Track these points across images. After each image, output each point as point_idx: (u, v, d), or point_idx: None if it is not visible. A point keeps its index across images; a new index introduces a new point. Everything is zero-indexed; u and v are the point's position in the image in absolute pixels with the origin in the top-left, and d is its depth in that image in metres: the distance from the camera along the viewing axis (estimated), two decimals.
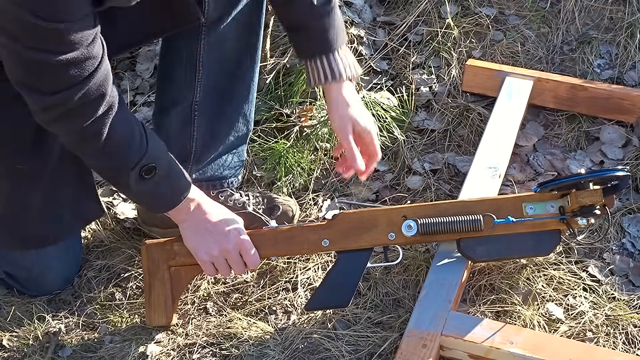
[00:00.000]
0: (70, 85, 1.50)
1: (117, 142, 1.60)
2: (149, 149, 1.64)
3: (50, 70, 1.47)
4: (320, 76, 1.86)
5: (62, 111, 1.53)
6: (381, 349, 1.78)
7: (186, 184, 1.73)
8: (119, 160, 1.63)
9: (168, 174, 1.69)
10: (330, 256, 2.01)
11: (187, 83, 1.94)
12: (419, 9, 2.61)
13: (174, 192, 1.72)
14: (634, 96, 2.32)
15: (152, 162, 1.65)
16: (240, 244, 1.77)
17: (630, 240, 2.04)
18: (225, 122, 2.00)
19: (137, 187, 1.66)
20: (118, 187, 1.77)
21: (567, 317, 1.85)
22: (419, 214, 1.78)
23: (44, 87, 1.51)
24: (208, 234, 1.76)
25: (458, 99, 2.42)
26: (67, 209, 1.88)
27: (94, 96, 1.53)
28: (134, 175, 1.64)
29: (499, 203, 1.80)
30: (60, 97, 1.51)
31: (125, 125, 1.61)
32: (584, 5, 2.59)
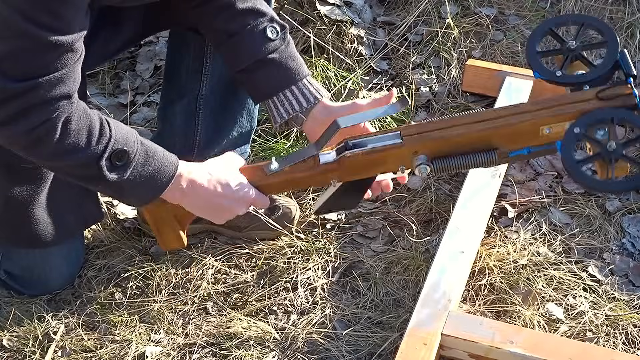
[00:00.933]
0: (43, 74, 1.40)
1: (74, 135, 1.48)
2: (113, 134, 1.52)
3: (31, 46, 1.38)
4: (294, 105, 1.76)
5: (23, 107, 1.42)
6: (381, 349, 1.79)
7: (172, 160, 1.60)
8: (80, 154, 1.50)
9: (146, 155, 1.57)
10: (330, 256, 2.01)
11: (194, 75, 1.93)
12: (419, 9, 2.61)
13: (161, 172, 1.58)
14: None
15: (121, 146, 1.53)
16: (252, 202, 1.65)
17: (630, 240, 2.04)
18: (230, 115, 1.99)
19: (116, 177, 1.54)
20: (97, 186, 1.62)
21: (567, 317, 1.85)
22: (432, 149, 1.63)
23: (13, 68, 1.40)
24: (216, 206, 1.65)
25: (458, 99, 2.42)
26: (70, 211, 1.88)
27: (60, 94, 1.44)
28: (106, 166, 1.52)
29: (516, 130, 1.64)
30: (26, 86, 1.40)
31: (82, 117, 1.49)
32: (584, 5, 2.59)
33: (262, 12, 1.74)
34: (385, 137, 1.60)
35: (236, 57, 1.77)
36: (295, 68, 1.76)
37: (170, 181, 1.59)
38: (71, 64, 1.44)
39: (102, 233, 2.09)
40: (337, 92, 2.38)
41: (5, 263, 1.95)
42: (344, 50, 2.52)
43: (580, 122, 1.56)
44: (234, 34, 1.74)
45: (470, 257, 1.91)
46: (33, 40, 1.38)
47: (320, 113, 1.74)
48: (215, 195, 1.63)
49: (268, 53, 1.73)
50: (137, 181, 1.57)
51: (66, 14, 1.39)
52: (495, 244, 2.01)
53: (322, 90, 1.78)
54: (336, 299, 1.92)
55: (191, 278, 1.98)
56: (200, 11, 1.77)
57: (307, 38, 2.50)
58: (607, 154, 1.55)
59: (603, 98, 1.58)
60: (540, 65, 1.64)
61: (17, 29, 1.37)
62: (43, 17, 1.36)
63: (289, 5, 2.57)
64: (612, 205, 2.12)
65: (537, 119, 1.61)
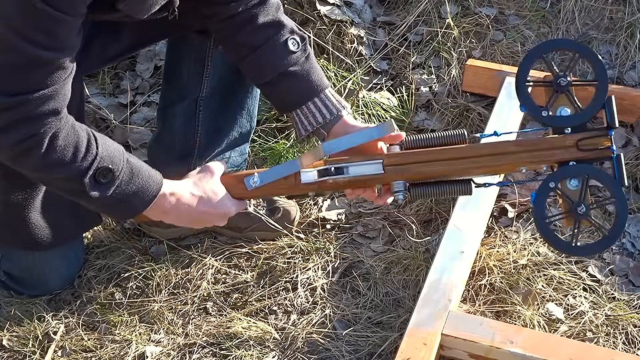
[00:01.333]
0: (34, 90, 1.42)
1: (60, 151, 1.49)
2: (99, 152, 1.53)
3: (23, 63, 1.39)
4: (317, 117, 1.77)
5: (11, 121, 1.43)
6: (381, 349, 1.78)
7: (156, 180, 1.61)
8: (65, 169, 1.51)
9: (131, 173, 1.58)
10: (330, 256, 2.01)
11: (195, 78, 1.93)
12: (419, 9, 2.61)
13: (144, 191, 1.59)
14: (634, 96, 2.32)
15: (106, 164, 1.54)
16: (231, 215, 1.69)
17: (630, 240, 2.04)
18: (229, 116, 2.00)
19: (98, 194, 1.55)
20: (81, 200, 1.60)
21: (567, 317, 1.85)
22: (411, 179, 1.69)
23: (4, 83, 1.41)
24: (197, 220, 1.68)
25: (458, 99, 2.42)
26: (66, 215, 1.88)
27: (49, 110, 1.45)
28: (89, 182, 1.53)
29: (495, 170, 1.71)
30: (15, 100, 1.41)
31: (70, 133, 1.50)
32: (584, 5, 2.59)
33: (283, 24, 1.75)
34: (367, 164, 1.65)
35: (259, 71, 1.78)
36: (316, 80, 1.77)
37: (153, 200, 1.60)
38: (61, 81, 1.45)
39: (102, 233, 2.09)
40: (337, 92, 2.38)
41: (5, 264, 1.95)
42: (344, 50, 2.52)
43: (557, 177, 1.63)
44: (256, 48, 1.75)
45: (470, 257, 1.91)
46: (25, 56, 1.38)
47: (340, 129, 1.76)
48: (197, 212, 1.65)
49: (290, 65, 1.75)
50: (119, 198, 1.57)
51: (59, 33, 1.39)
52: (495, 244, 2.01)
53: (343, 102, 1.79)
54: (336, 299, 1.92)
55: (191, 278, 1.98)
56: (221, 26, 1.77)
57: None
58: (576, 215, 1.62)
59: (582, 149, 1.63)
60: (528, 99, 1.67)
61: (9, 45, 1.37)
62: (36, 35, 1.37)
63: (289, 5, 2.57)
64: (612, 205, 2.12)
65: (517, 162, 1.67)
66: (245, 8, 1.73)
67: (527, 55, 1.69)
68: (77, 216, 1.89)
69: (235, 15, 1.74)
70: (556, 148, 1.65)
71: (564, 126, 1.66)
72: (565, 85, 1.66)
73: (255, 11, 1.74)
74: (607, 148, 1.64)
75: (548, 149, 1.65)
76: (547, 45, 1.71)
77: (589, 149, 1.64)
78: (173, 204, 1.63)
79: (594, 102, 1.66)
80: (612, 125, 1.64)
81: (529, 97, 1.67)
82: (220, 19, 1.77)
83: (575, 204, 1.62)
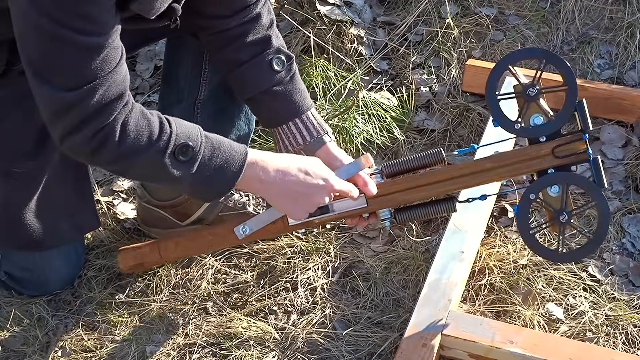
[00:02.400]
0: (92, 79, 1.42)
1: (134, 136, 1.49)
2: (174, 130, 1.52)
3: (74, 55, 1.40)
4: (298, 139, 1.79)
5: (82, 117, 1.44)
6: (381, 349, 1.78)
7: (240, 150, 1.58)
8: (143, 153, 1.50)
9: (212, 147, 1.56)
10: (330, 256, 2.01)
11: (193, 81, 1.94)
12: (419, 9, 2.61)
13: (229, 163, 1.57)
14: (634, 96, 2.32)
15: (183, 141, 1.53)
16: (332, 189, 1.65)
17: (630, 240, 2.04)
18: (227, 119, 2.00)
19: (182, 173, 1.53)
20: (170, 183, 1.59)
21: (567, 317, 1.85)
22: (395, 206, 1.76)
23: (65, 79, 1.42)
24: (299, 196, 1.63)
25: (458, 99, 2.42)
26: (63, 219, 1.87)
27: (114, 96, 1.45)
28: (170, 162, 1.52)
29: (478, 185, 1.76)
30: (80, 94, 1.42)
31: (140, 117, 1.50)
32: (584, 5, 2.59)
33: (270, 43, 1.79)
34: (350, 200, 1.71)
35: (242, 86, 1.82)
36: (298, 101, 1.81)
37: (242, 170, 1.58)
38: (115, 64, 1.46)
39: (102, 233, 2.09)
40: (337, 92, 2.38)
41: (5, 264, 1.95)
42: (344, 50, 2.52)
43: (536, 187, 1.67)
44: (240, 64, 1.79)
45: (470, 257, 1.91)
46: (72, 46, 1.39)
47: (324, 157, 1.78)
48: (294, 179, 1.62)
49: (273, 85, 1.78)
50: (206, 174, 1.56)
51: (95, 15, 1.40)
52: (495, 244, 2.01)
53: (325, 126, 1.82)
54: (336, 299, 1.92)
55: (191, 278, 1.98)
56: (211, 39, 1.81)
57: (307, 38, 2.50)
58: (559, 223, 1.66)
59: (559, 156, 1.67)
60: (500, 114, 1.70)
61: (54, 37, 1.38)
62: (75, 21, 1.38)
63: (289, 5, 2.57)
64: (612, 205, 2.12)
65: (495, 177, 1.72)
66: (237, 24, 1.77)
67: (494, 69, 1.72)
68: (74, 219, 1.90)
69: (226, 30, 1.77)
70: (532, 158, 1.69)
71: (539, 135, 1.69)
72: (535, 94, 1.69)
73: (246, 28, 1.78)
74: (584, 152, 1.67)
75: (524, 160, 1.69)
76: (513, 57, 1.74)
77: (566, 155, 1.67)
78: (266, 171, 1.60)
79: (565, 107, 1.69)
80: (585, 129, 1.67)
81: (501, 112, 1.70)
82: (211, 32, 1.80)
83: (558, 211, 1.64)
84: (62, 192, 1.85)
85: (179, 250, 1.89)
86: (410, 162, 1.75)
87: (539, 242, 1.69)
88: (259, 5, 1.78)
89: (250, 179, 1.59)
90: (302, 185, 1.62)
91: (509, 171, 1.70)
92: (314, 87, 2.36)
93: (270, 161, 1.61)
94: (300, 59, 2.48)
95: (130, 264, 1.93)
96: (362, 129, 2.29)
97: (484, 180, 1.71)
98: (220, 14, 1.76)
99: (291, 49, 2.49)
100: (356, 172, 1.71)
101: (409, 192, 1.72)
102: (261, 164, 1.60)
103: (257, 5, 1.78)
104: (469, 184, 1.72)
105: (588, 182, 1.67)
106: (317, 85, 2.37)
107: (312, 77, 2.38)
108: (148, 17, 1.53)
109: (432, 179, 1.71)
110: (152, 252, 1.90)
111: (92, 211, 1.92)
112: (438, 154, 1.74)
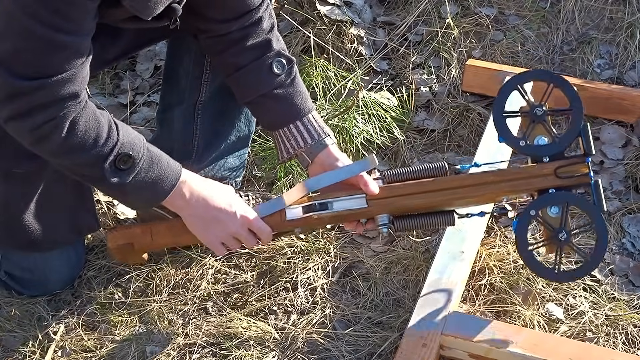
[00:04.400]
0: (52, 74, 1.44)
1: (80, 136, 1.51)
2: (120, 138, 1.56)
3: (40, 48, 1.41)
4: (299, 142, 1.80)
5: (31, 106, 1.45)
6: (381, 349, 1.78)
7: (175, 169, 1.65)
8: (85, 154, 1.53)
9: (150, 161, 1.61)
10: (330, 256, 2.01)
11: (194, 82, 1.94)
12: (419, 9, 2.61)
13: (163, 179, 1.63)
14: (634, 96, 2.32)
15: (127, 151, 1.56)
16: (248, 223, 1.72)
17: (630, 240, 2.04)
18: (228, 120, 2.00)
19: (117, 180, 1.57)
20: (99, 186, 1.66)
21: (567, 317, 1.85)
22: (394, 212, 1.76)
23: (24, 67, 1.43)
24: (213, 220, 1.70)
25: (458, 99, 2.42)
26: (62, 219, 1.87)
27: (68, 94, 1.47)
28: (109, 168, 1.56)
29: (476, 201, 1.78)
30: (35, 84, 1.43)
31: (91, 118, 1.52)
32: (584, 5, 2.59)
33: (270, 47, 1.79)
34: (351, 199, 1.72)
35: (242, 90, 1.83)
36: (299, 104, 1.81)
37: (173, 189, 1.64)
38: (79, 65, 1.47)
39: (102, 233, 2.09)
40: (337, 92, 2.38)
41: (6, 264, 1.95)
42: (344, 50, 2.52)
43: (537, 205, 1.69)
44: (240, 68, 1.79)
45: (470, 257, 1.91)
46: (43, 40, 1.40)
47: (325, 159, 1.80)
48: (214, 208, 1.68)
49: (273, 88, 1.79)
50: (139, 186, 1.61)
51: (75, 16, 1.41)
52: (495, 244, 2.01)
53: (327, 129, 1.83)
54: (336, 299, 1.92)
55: (191, 278, 1.98)
56: (210, 42, 1.81)
57: (307, 38, 2.50)
58: (557, 241, 1.68)
59: (561, 176, 1.69)
60: (506, 130, 1.74)
61: (27, 29, 1.39)
62: (54, 18, 1.39)
63: (289, 5, 2.57)
64: (612, 205, 2.12)
65: (497, 192, 1.74)
66: (238, 28, 1.77)
67: (502, 89, 1.75)
68: (74, 221, 1.89)
69: (227, 34, 1.78)
70: (535, 177, 1.71)
71: (542, 155, 1.72)
72: (541, 115, 1.73)
73: (246, 32, 1.78)
74: (585, 175, 1.70)
75: (527, 177, 1.72)
76: (522, 78, 1.77)
77: (567, 176, 1.70)
78: (192, 193, 1.66)
79: (570, 130, 1.73)
80: (588, 152, 1.71)
81: (507, 128, 1.74)
82: (211, 36, 1.80)
83: (556, 230, 1.66)
84: (62, 193, 1.84)
85: (171, 236, 1.86)
86: (414, 173, 1.76)
87: (536, 260, 1.72)
88: (260, 10, 1.78)
89: (176, 197, 1.66)
90: (219, 212, 1.69)
91: (510, 187, 1.73)
92: (314, 87, 2.36)
93: (198, 184, 1.68)
94: (300, 59, 2.48)
95: (120, 243, 1.88)
96: (362, 129, 2.29)
97: (484, 192, 1.74)
98: (221, 18, 1.76)
99: (291, 49, 2.49)
100: (360, 172, 1.73)
101: (409, 197, 1.73)
102: (189, 184, 1.67)
103: (259, 9, 1.78)
104: (470, 195, 1.74)
105: (589, 204, 1.70)
106: (317, 85, 2.37)
107: (312, 77, 2.38)
108: (143, 17, 1.53)
109: (433, 186, 1.73)
110: (144, 233, 1.87)
111: (91, 213, 1.92)
112: (442, 168, 1.76)
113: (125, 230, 1.90)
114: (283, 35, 2.52)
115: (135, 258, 1.95)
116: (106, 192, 1.68)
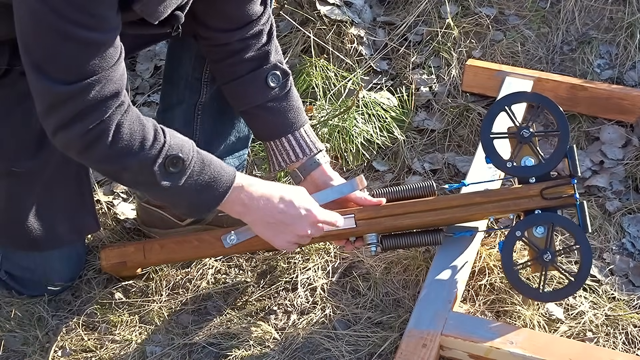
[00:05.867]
0: (90, 75, 1.42)
1: (127, 138, 1.48)
2: (167, 140, 1.53)
3: (74, 49, 1.39)
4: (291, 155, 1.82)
5: (77, 110, 1.43)
6: (381, 349, 1.78)
7: (229, 171, 1.60)
8: (133, 158, 1.50)
9: (202, 163, 1.57)
10: (330, 256, 2.01)
11: (194, 83, 1.94)
12: (419, 9, 2.61)
13: (217, 181, 1.57)
14: (634, 96, 2.32)
15: (175, 153, 1.53)
16: (315, 219, 1.68)
17: (630, 240, 2.04)
18: (228, 121, 2.00)
19: (170, 184, 1.54)
20: (154, 192, 1.60)
21: (567, 317, 1.85)
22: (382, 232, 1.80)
23: (64, 71, 1.42)
24: (281, 225, 1.66)
25: (458, 99, 2.43)
26: (61, 219, 1.87)
27: (110, 93, 1.45)
28: (159, 171, 1.52)
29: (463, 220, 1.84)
30: (77, 88, 1.41)
31: (135, 121, 1.50)
32: (584, 5, 2.59)
33: (267, 59, 1.80)
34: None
35: (236, 99, 1.85)
36: (292, 117, 1.83)
37: (228, 191, 1.59)
38: (114, 62, 1.46)
39: (102, 233, 2.09)
40: (337, 92, 2.38)
41: (6, 264, 1.95)
42: (344, 50, 2.52)
43: (522, 225, 1.73)
44: (236, 78, 1.80)
45: (470, 257, 1.91)
46: (76, 41, 1.40)
47: (318, 177, 1.82)
48: (275, 210, 1.64)
49: (267, 101, 1.80)
50: (192, 189, 1.57)
51: (100, 11, 1.41)
52: (495, 244, 2.01)
53: (319, 144, 1.84)
54: (336, 299, 1.92)
55: (191, 278, 1.98)
56: (209, 50, 1.83)
57: (307, 38, 2.50)
58: (542, 262, 1.72)
59: (547, 197, 1.73)
60: (493, 151, 1.78)
61: (60, 31, 1.38)
62: (82, 17, 1.38)
63: (289, 5, 2.58)
64: (612, 205, 2.12)
65: (484, 212, 1.79)
66: (238, 39, 1.78)
67: (490, 110, 1.79)
68: (74, 221, 1.89)
69: (226, 44, 1.79)
70: (521, 197, 1.76)
71: (529, 176, 1.76)
72: (528, 136, 1.77)
73: (246, 44, 1.79)
74: (571, 196, 1.74)
75: (513, 198, 1.76)
76: (509, 99, 1.79)
77: (553, 197, 1.74)
78: (251, 197, 1.61)
79: (557, 152, 1.77)
80: (574, 174, 1.75)
81: (495, 150, 1.78)
82: (211, 44, 1.81)
83: (542, 251, 1.69)
84: (62, 193, 1.85)
85: (164, 253, 1.88)
86: (402, 192, 1.81)
87: (521, 279, 1.75)
88: (262, 20, 1.79)
89: (235, 202, 1.61)
90: (285, 215, 1.65)
91: (497, 207, 1.77)
92: (314, 87, 2.36)
93: (257, 187, 1.63)
94: (300, 59, 2.48)
95: (113, 262, 1.90)
96: (362, 129, 2.29)
97: (471, 213, 1.78)
98: (223, 28, 1.77)
99: (291, 49, 2.49)
100: (349, 192, 1.79)
101: (397, 217, 1.78)
102: (247, 188, 1.62)
103: (260, 20, 1.78)
104: (457, 216, 1.79)
105: (574, 225, 1.74)
106: (317, 85, 2.37)
107: (312, 77, 2.38)
108: (151, 21, 1.53)
109: (421, 207, 1.78)
110: (137, 252, 1.89)
111: (92, 214, 1.92)
112: (430, 188, 1.81)
113: (118, 249, 1.92)
114: (283, 35, 2.53)
115: (128, 273, 1.97)
116: (162, 198, 1.63)
